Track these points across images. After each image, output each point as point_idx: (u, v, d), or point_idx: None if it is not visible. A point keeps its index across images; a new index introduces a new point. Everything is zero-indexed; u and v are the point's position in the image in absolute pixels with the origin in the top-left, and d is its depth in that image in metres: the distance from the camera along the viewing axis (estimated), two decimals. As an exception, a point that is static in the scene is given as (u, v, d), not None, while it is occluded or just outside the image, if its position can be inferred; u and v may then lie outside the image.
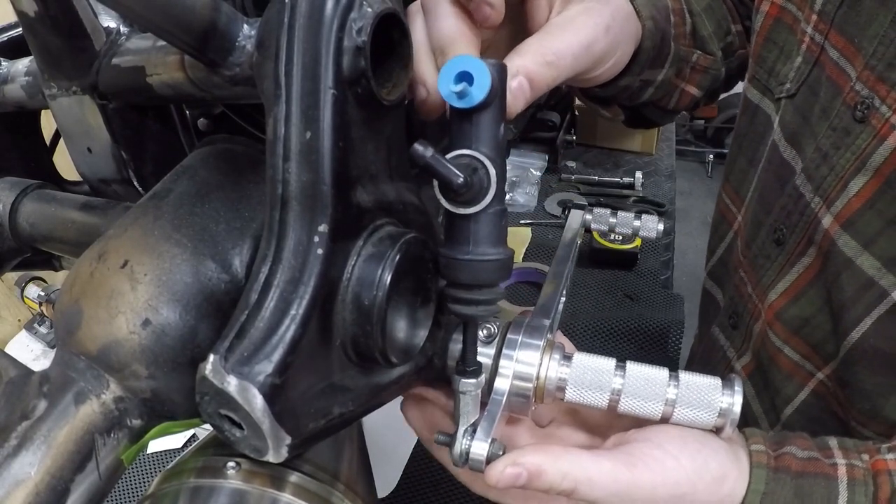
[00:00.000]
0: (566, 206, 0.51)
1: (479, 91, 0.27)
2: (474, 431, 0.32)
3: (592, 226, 0.50)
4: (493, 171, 0.28)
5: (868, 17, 0.43)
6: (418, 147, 0.27)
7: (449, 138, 0.30)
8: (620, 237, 1.02)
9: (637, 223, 0.50)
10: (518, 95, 0.33)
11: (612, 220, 0.50)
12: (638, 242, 1.06)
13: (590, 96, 0.53)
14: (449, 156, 0.28)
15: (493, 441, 0.32)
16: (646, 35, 0.46)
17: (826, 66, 0.47)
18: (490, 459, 0.32)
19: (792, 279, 0.51)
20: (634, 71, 0.47)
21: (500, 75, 0.29)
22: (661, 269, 1.10)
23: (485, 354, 0.35)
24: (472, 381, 0.33)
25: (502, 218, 0.30)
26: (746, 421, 0.59)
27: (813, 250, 0.49)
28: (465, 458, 0.32)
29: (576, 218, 0.49)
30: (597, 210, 0.50)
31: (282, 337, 0.25)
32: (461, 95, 0.27)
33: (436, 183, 0.29)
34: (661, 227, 0.50)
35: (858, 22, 0.44)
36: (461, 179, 0.27)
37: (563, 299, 0.42)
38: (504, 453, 0.33)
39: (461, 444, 0.33)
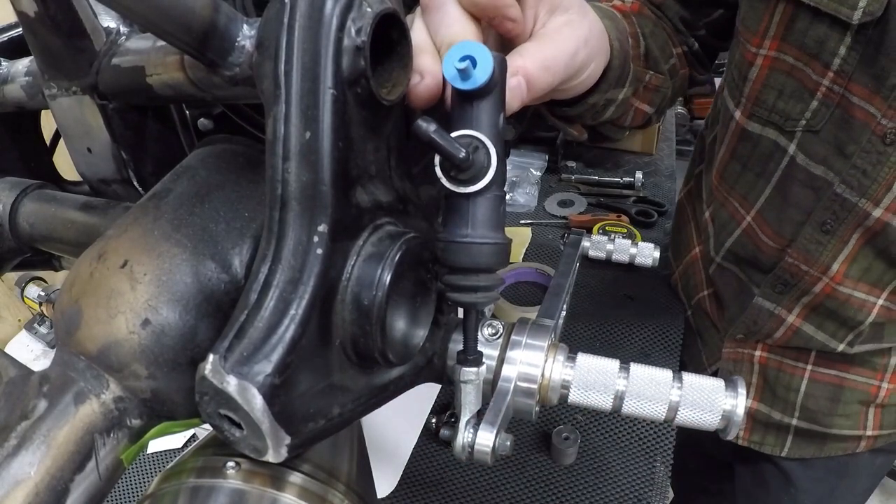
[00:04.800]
0: (565, 232, 0.54)
1: (482, 73, 0.28)
2: (477, 423, 0.32)
3: (590, 252, 0.51)
4: (493, 151, 0.29)
5: (884, 72, 0.51)
6: (421, 123, 0.27)
7: (450, 122, 0.30)
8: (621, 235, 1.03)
9: (634, 250, 0.51)
10: (516, 93, 0.34)
11: (610, 246, 0.51)
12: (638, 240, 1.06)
13: (556, 115, 0.55)
14: (451, 135, 0.29)
15: (499, 432, 0.32)
16: (614, 55, 0.50)
17: (849, 109, 0.55)
18: (496, 450, 0.32)
19: (849, 250, 0.62)
20: (602, 89, 0.51)
21: (501, 67, 0.30)
22: (662, 268, 1.10)
23: (489, 355, 0.35)
24: (474, 369, 0.33)
25: (501, 204, 0.31)
26: (807, 346, 0.73)
27: (863, 230, 0.59)
28: (469, 449, 0.32)
29: (575, 242, 0.50)
30: (594, 237, 0.51)
31: (281, 337, 0.25)
32: (464, 76, 0.28)
33: (437, 161, 0.29)
34: (657, 254, 0.51)
35: (875, 74, 0.52)
36: (463, 153, 0.28)
37: (563, 313, 0.42)
38: (510, 444, 0.33)
39: (464, 435, 0.32)
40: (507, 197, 1.26)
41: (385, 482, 0.76)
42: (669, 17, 0.70)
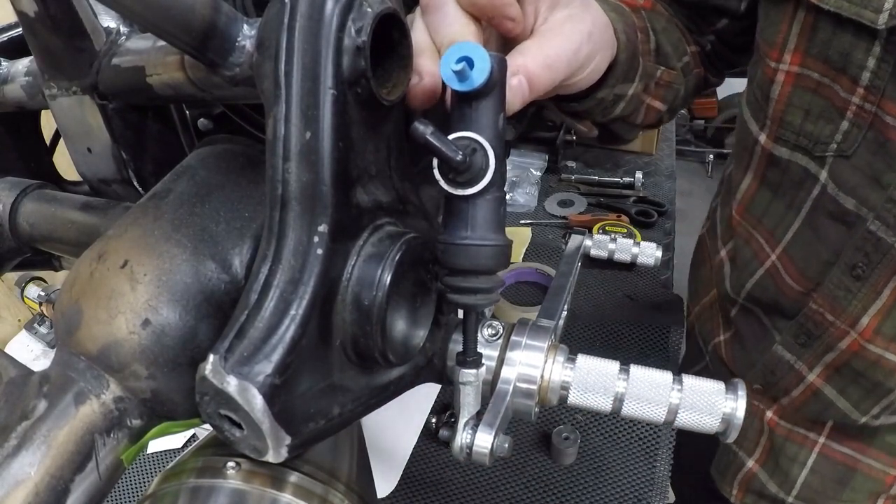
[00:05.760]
0: (567, 231, 0.54)
1: (479, 75, 0.28)
2: (476, 424, 0.32)
3: (592, 252, 0.51)
4: (491, 153, 0.29)
5: None
6: (418, 125, 0.27)
7: (449, 123, 0.30)
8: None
9: (636, 250, 0.51)
10: (517, 93, 0.34)
11: (612, 245, 0.51)
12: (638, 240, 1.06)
13: (565, 111, 0.54)
14: (449, 137, 0.29)
15: (497, 433, 0.32)
16: (621, 48, 0.48)
17: (884, 131, 0.49)
18: (494, 451, 0.32)
19: (882, 302, 0.54)
20: (610, 83, 0.49)
21: (501, 67, 0.30)
22: (661, 269, 1.10)
23: (489, 355, 0.35)
24: (473, 371, 0.33)
25: (501, 205, 0.30)
26: (824, 415, 0.65)
27: None
28: (468, 450, 0.32)
29: (576, 241, 0.50)
30: (596, 237, 0.51)
31: (281, 337, 0.25)
32: (461, 77, 0.28)
33: (435, 163, 0.29)
34: (659, 254, 0.50)
35: None
36: (460, 156, 0.28)
37: (565, 313, 0.42)
38: (508, 446, 0.33)
39: (462, 436, 0.32)
40: (507, 197, 1.26)
41: (385, 482, 0.76)
42: (679, 19, 0.66)
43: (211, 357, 0.24)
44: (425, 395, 0.86)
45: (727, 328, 0.77)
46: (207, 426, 0.26)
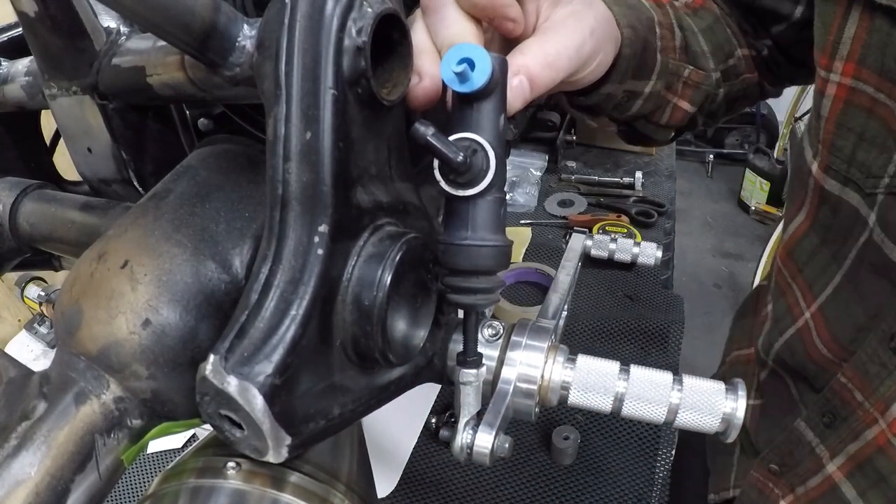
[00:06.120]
0: (567, 231, 0.54)
1: (480, 76, 0.28)
2: (476, 424, 0.32)
3: (593, 252, 0.51)
4: (492, 154, 0.29)
5: None
6: (419, 126, 0.27)
7: (450, 124, 0.30)
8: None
9: (636, 250, 0.51)
10: (518, 93, 0.34)
11: (612, 245, 0.51)
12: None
13: (576, 105, 0.52)
14: (449, 138, 0.29)
15: (498, 434, 0.32)
16: (625, 43, 0.47)
17: None
18: (495, 452, 0.32)
19: None
20: (615, 78, 0.48)
21: (502, 68, 0.30)
22: (661, 269, 1.10)
23: (489, 356, 0.35)
24: (473, 371, 0.33)
25: (501, 206, 0.30)
26: None
27: None
28: (468, 450, 0.32)
29: (577, 241, 0.50)
30: (597, 237, 0.51)
31: (282, 337, 0.25)
32: (462, 79, 0.28)
33: (436, 164, 0.29)
34: (659, 254, 0.50)
35: None
36: (461, 157, 0.28)
37: (565, 313, 0.42)
38: (508, 446, 0.33)
39: (462, 436, 0.32)
40: (507, 197, 1.26)
41: (385, 482, 0.76)
42: (734, 18, 0.61)
43: (211, 357, 0.24)
44: (425, 396, 0.86)
45: (758, 395, 0.69)
46: (207, 426, 0.26)
